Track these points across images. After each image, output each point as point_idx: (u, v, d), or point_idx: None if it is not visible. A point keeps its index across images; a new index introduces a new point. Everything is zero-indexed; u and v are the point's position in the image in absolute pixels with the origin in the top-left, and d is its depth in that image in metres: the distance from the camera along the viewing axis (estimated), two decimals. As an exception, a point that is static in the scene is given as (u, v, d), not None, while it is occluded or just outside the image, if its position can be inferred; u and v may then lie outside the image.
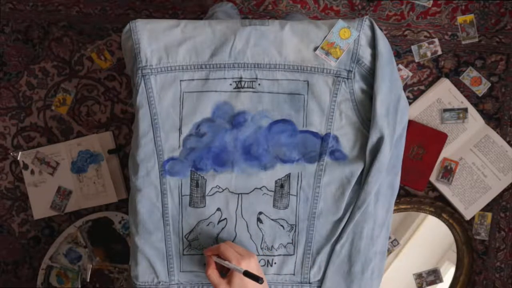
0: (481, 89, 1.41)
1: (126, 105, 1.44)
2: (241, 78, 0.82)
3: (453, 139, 1.40)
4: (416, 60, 1.41)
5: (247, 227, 0.83)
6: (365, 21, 0.82)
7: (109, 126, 1.45)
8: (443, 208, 1.40)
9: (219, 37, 0.82)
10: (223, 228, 0.83)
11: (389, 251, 1.38)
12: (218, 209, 0.83)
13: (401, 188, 1.19)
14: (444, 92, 1.40)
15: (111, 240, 1.35)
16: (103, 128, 1.45)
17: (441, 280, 1.40)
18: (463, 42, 1.41)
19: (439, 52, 1.41)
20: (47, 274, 1.24)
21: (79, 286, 1.27)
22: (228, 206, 0.82)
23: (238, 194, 0.83)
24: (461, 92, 1.40)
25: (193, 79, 0.82)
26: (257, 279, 0.69)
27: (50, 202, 1.43)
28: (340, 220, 0.83)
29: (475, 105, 1.41)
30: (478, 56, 1.41)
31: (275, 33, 0.82)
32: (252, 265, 0.74)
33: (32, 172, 1.43)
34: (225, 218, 0.83)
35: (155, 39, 0.82)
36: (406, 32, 1.42)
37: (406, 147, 0.90)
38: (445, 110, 1.39)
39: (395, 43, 1.41)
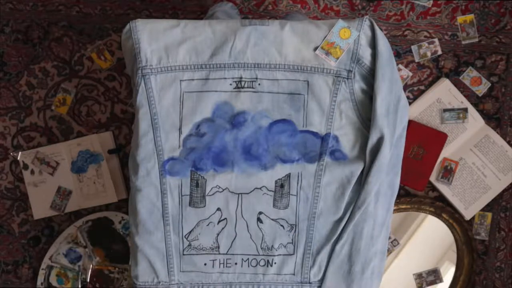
0: (481, 89, 1.41)
1: (126, 105, 1.44)
2: (241, 78, 0.82)
3: (453, 139, 1.40)
4: (416, 60, 1.41)
5: (247, 227, 0.83)
6: (365, 21, 0.82)
7: (109, 126, 1.45)
8: (443, 208, 1.40)
9: (219, 37, 0.82)
10: (223, 228, 0.83)
11: (389, 251, 1.38)
12: (218, 209, 0.83)
13: (401, 188, 1.19)
14: (444, 92, 1.40)
15: (111, 240, 1.35)
16: (103, 128, 1.45)
17: (441, 280, 1.40)
18: (463, 42, 1.41)
19: (439, 52, 1.41)
20: (47, 274, 1.23)
21: (79, 286, 1.27)
22: (228, 206, 0.83)
23: (238, 194, 0.83)
24: (461, 92, 1.40)
25: (193, 79, 0.82)
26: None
27: (50, 202, 1.43)
28: (340, 220, 0.83)
29: (475, 105, 1.41)
30: (478, 56, 1.41)
31: (275, 33, 0.82)
32: None
33: (32, 172, 1.43)
34: (225, 218, 0.83)
35: (155, 39, 0.82)
36: (406, 32, 1.42)
37: (406, 147, 0.90)
38: (445, 110, 1.39)
39: (395, 43, 1.41)
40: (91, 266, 1.25)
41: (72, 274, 1.20)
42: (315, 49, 0.82)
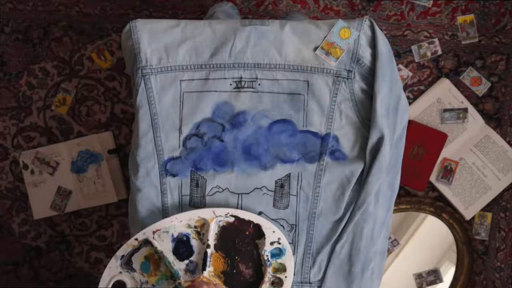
0: (481, 89, 1.41)
1: (126, 105, 1.44)
2: (241, 78, 0.82)
3: (453, 139, 1.40)
4: (416, 60, 1.41)
5: (247, 227, 0.83)
6: (365, 21, 0.82)
7: (109, 126, 1.45)
8: (443, 208, 1.40)
9: (219, 37, 0.82)
10: (223, 228, 0.83)
11: (389, 251, 1.38)
12: (218, 209, 0.83)
13: (401, 188, 1.19)
14: (444, 92, 1.40)
15: (240, 254, 0.83)
16: (103, 128, 1.45)
17: (441, 280, 1.40)
18: (463, 42, 1.41)
19: (439, 52, 1.41)
20: (136, 249, 0.80)
21: None
22: (228, 206, 0.82)
23: (238, 194, 0.83)
24: (461, 92, 1.40)
25: (193, 79, 0.82)
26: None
27: (50, 202, 1.43)
28: (340, 220, 0.83)
29: (475, 105, 1.41)
30: (478, 56, 1.41)
31: (275, 33, 0.82)
32: None
33: (32, 172, 1.43)
34: (225, 218, 0.83)
35: (155, 39, 0.82)
36: (406, 32, 1.42)
37: (406, 147, 0.90)
38: (445, 110, 1.39)
39: (395, 43, 1.41)
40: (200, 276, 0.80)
41: (165, 269, 0.80)
42: (315, 49, 0.82)
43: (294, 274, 0.83)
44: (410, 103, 1.41)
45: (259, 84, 0.82)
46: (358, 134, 0.83)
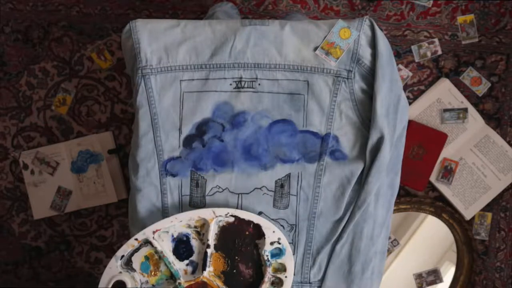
0: (481, 89, 1.41)
1: (126, 105, 1.44)
2: (241, 78, 0.82)
3: (453, 139, 1.40)
4: (416, 60, 1.41)
5: (247, 227, 0.83)
6: (365, 21, 0.82)
7: (109, 126, 1.45)
8: (443, 208, 1.40)
9: (219, 37, 0.82)
10: (223, 228, 0.83)
11: (389, 251, 1.38)
12: (218, 209, 0.83)
13: (401, 188, 1.19)
14: (444, 92, 1.40)
15: (239, 253, 0.83)
16: (103, 128, 1.45)
17: (441, 280, 1.40)
18: (463, 42, 1.41)
19: (439, 52, 1.41)
20: (137, 248, 0.81)
21: None
22: (228, 206, 0.82)
23: (238, 194, 0.83)
24: (461, 92, 1.40)
25: (193, 79, 0.82)
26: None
27: (50, 202, 1.43)
28: (340, 220, 0.83)
29: (475, 105, 1.41)
30: (478, 56, 1.41)
31: (275, 33, 0.82)
32: None
33: (32, 172, 1.43)
34: (225, 218, 0.83)
35: (155, 39, 0.82)
36: (406, 32, 1.42)
37: (406, 147, 0.90)
38: (445, 110, 1.39)
39: (395, 43, 1.41)
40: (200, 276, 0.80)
41: (165, 269, 0.81)
42: (315, 49, 0.82)
43: (294, 274, 0.83)
44: (410, 103, 1.41)
45: (259, 84, 0.82)
46: (358, 134, 0.83)
